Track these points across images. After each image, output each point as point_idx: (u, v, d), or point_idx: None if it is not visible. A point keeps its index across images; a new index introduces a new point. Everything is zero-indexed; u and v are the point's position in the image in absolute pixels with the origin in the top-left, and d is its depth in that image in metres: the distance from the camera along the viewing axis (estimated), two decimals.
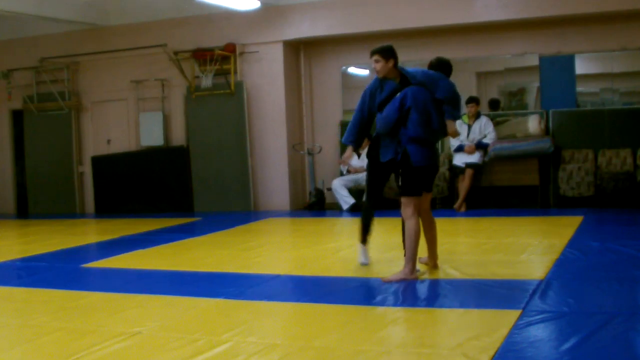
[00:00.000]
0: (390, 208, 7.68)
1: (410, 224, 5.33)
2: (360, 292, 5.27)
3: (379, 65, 5.43)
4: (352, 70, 11.63)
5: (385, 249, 6.58)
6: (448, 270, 5.57)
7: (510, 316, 4.10)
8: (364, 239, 5.92)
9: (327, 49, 11.48)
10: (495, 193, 10.17)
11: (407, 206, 5.34)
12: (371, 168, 5.72)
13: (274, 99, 11.23)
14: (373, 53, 5.47)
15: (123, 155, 12.11)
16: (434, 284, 5.18)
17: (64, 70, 12.26)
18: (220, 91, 11.28)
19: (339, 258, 6.45)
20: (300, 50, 11.57)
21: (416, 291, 5.00)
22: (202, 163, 11.50)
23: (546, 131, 10.14)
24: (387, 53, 5.43)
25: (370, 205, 5.92)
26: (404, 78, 5.44)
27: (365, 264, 5.93)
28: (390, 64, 5.42)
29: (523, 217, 8.98)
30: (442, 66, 5.63)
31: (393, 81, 5.47)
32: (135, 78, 11.95)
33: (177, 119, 11.88)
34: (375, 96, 5.53)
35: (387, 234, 7.13)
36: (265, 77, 11.26)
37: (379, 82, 5.54)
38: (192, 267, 6.42)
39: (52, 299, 5.25)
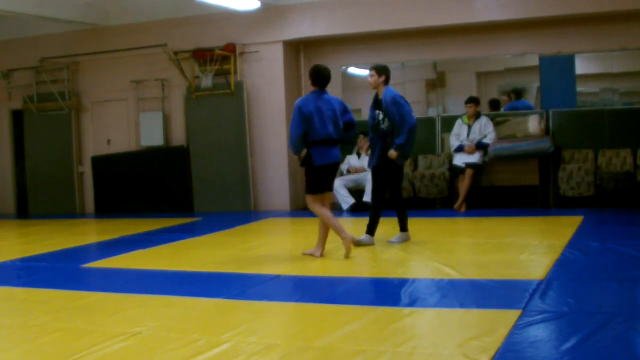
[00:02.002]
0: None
1: None
2: (360, 292, 5.27)
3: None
4: (352, 70, 11.61)
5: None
6: (448, 270, 5.57)
7: (510, 316, 4.09)
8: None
9: (327, 49, 11.46)
10: (495, 193, 10.16)
11: None
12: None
13: (274, 99, 11.22)
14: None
15: (123, 155, 12.11)
16: (435, 284, 5.18)
17: (64, 70, 12.26)
18: (220, 91, 11.27)
19: (338, 258, 6.45)
20: (300, 50, 11.57)
21: (416, 291, 5.00)
22: (202, 163, 11.49)
23: (546, 131, 10.13)
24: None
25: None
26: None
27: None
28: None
29: (523, 217, 8.98)
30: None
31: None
32: (135, 78, 11.95)
33: (177, 119, 11.88)
34: None
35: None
36: (265, 77, 11.25)
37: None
38: (192, 267, 6.42)
39: (52, 299, 5.25)
